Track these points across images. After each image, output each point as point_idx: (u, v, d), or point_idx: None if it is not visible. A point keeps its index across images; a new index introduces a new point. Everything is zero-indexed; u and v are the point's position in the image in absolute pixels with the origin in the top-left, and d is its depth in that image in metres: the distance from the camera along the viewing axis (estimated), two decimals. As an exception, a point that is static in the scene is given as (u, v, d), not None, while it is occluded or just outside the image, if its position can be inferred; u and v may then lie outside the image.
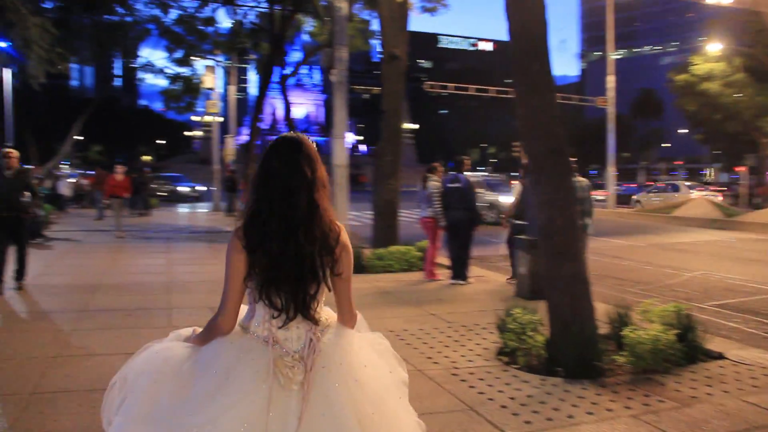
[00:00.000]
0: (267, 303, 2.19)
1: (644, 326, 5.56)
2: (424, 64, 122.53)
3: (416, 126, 78.88)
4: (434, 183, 9.94)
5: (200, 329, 2.32)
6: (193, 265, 11.75)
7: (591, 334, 5.31)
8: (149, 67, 26.40)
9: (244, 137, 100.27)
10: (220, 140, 30.43)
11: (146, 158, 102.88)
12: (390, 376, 2.37)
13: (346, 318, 2.37)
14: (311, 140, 2.33)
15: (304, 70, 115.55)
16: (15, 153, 8.74)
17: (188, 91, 25.92)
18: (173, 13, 23.38)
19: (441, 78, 52.23)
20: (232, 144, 29.15)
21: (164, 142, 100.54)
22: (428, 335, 6.56)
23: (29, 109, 43.40)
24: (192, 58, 25.45)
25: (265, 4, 22.76)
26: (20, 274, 8.76)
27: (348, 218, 13.41)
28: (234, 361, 2.15)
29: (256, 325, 2.23)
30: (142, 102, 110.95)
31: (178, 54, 24.60)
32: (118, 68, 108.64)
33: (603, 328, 5.73)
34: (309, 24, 23.13)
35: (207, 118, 52.12)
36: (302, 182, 2.22)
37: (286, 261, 2.18)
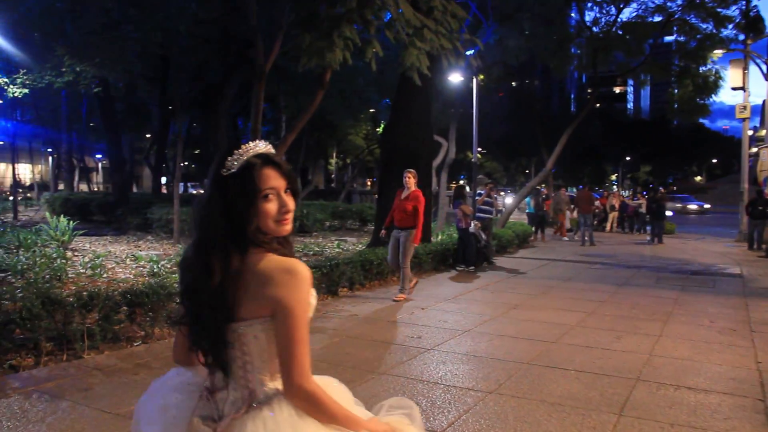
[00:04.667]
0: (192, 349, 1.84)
1: None
2: None
3: None
4: None
5: None
6: (607, 330, 7.66)
7: None
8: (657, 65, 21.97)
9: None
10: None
11: (697, 179, 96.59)
12: None
13: (286, 391, 1.75)
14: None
15: None
16: None
17: (700, 91, 20.79)
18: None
19: None
20: (767, 157, 22.63)
21: (716, 161, 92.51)
22: None
23: (582, 132, 43.22)
24: (711, 51, 20.30)
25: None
26: None
27: None
28: (164, 397, 1.89)
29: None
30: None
31: (690, 46, 19.81)
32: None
33: None
34: None
35: (762, 132, 45.20)
36: (215, 203, 1.78)
37: (188, 304, 1.81)
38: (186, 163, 62.56)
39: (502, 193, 42.83)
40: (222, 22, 17.95)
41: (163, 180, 39.81)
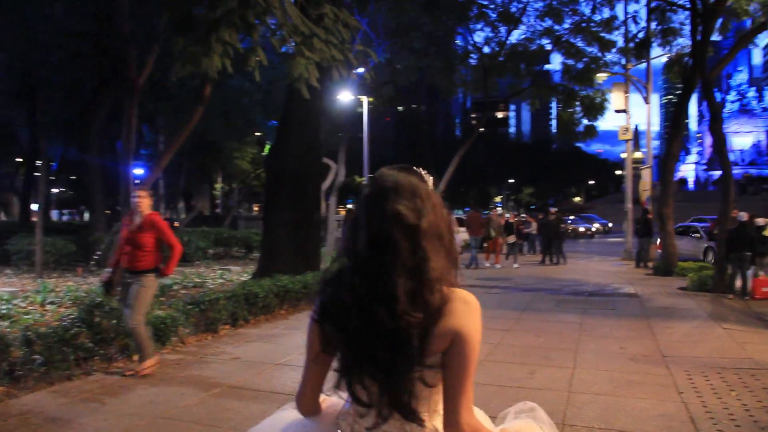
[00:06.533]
0: (348, 394, 1.63)
1: None
2: None
3: None
4: None
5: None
6: (519, 364, 7.04)
7: None
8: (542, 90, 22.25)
9: (681, 174, 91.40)
10: (655, 175, 24.80)
11: (576, 199, 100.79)
12: None
13: (449, 428, 1.58)
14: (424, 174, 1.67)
15: (751, 92, 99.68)
16: None
17: (587, 113, 21.21)
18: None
19: None
20: (648, 177, 23.34)
21: (594, 182, 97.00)
22: None
23: (467, 155, 43.65)
24: (596, 74, 20.72)
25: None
26: None
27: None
28: None
29: (342, 418, 1.68)
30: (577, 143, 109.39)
31: (576, 69, 20.16)
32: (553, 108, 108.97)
33: None
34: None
35: (637, 155, 47.09)
36: (396, 228, 1.51)
37: (370, 338, 1.52)
38: (63, 189, 58.55)
39: None
40: (94, 34, 16.50)
41: (35, 207, 36.76)
